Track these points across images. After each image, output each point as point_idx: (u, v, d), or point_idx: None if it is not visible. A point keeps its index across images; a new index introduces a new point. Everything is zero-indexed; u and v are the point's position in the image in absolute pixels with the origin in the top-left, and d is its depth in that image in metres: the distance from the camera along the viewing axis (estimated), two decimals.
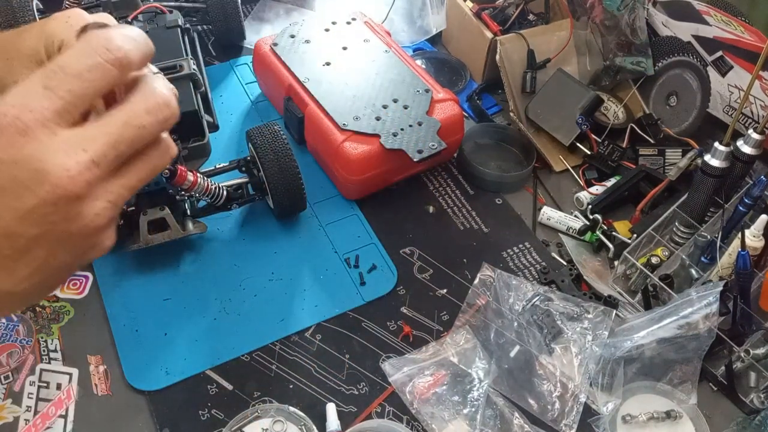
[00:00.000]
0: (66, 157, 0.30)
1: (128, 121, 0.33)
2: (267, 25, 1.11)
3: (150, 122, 0.33)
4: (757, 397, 0.70)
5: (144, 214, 0.72)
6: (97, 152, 0.31)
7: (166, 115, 0.34)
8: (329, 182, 0.88)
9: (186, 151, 0.70)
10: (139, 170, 0.35)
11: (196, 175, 0.70)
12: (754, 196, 0.75)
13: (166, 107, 0.34)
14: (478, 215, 0.87)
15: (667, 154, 0.90)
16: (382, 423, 0.66)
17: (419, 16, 1.10)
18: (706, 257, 0.77)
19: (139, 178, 0.35)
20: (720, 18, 1.00)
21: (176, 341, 0.71)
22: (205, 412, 0.66)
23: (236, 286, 0.76)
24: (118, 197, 0.33)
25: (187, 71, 0.70)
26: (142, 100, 0.34)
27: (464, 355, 0.71)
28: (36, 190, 0.30)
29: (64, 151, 0.30)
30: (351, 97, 0.85)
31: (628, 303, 0.77)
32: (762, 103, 0.94)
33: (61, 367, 0.69)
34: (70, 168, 0.30)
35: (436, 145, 0.81)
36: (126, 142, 0.33)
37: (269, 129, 0.77)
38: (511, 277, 0.78)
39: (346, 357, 0.71)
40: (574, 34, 0.99)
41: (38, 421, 0.65)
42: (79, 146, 0.31)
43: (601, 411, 0.68)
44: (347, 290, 0.77)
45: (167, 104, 0.34)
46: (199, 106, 0.70)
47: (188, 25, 0.82)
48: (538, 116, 0.94)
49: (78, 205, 0.31)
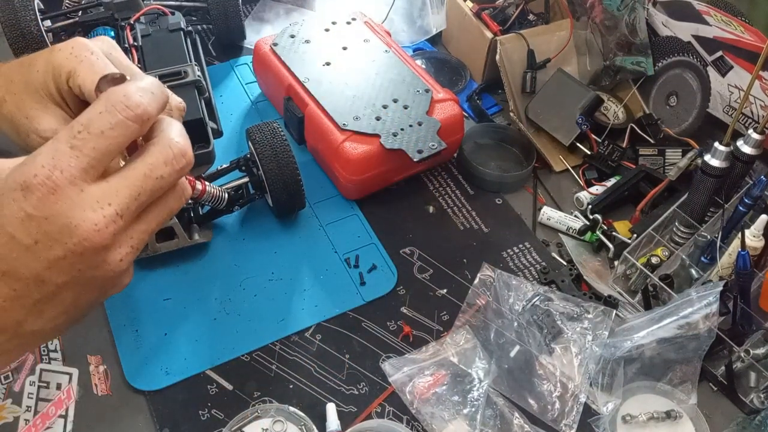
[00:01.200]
0: (93, 213, 0.33)
1: (148, 173, 0.35)
2: (267, 25, 1.11)
3: (168, 172, 0.35)
4: (757, 397, 0.70)
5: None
6: (121, 205, 0.34)
7: (183, 165, 0.36)
8: (329, 182, 0.88)
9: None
10: (158, 216, 0.37)
11: (204, 184, 0.71)
12: (754, 196, 0.75)
13: (183, 157, 0.36)
14: (478, 215, 0.87)
15: (667, 154, 0.90)
16: (382, 423, 0.66)
17: (419, 16, 1.10)
18: (706, 257, 0.77)
19: (157, 222, 0.37)
20: (720, 18, 1.00)
21: (176, 341, 0.71)
22: (205, 412, 0.66)
23: (236, 286, 0.76)
24: (140, 242, 0.36)
25: (191, 78, 0.70)
26: (161, 152, 0.35)
27: (464, 355, 0.71)
28: (66, 243, 0.32)
29: (91, 207, 0.33)
30: (351, 97, 0.85)
31: (628, 303, 0.77)
32: (762, 103, 0.94)
33: (61, 367, 0.69)
34: (98, 222, 0.33)
35: (436, 145, 0.81)
36: (147, 193, 0.35)
37: (268, 127, 0.77)
38: (511, 277, 0.78)
39: (346, 357, 0.71)
40: (574, 34, 0.99)
41: (38, 421, 0.65)
42: (105, 201, 0.33)
43: (601, 411, 0.68)
44: (347, 290, 0.77)
45: (184, 154, 0.36)
46: (204, 114, 0.70)
47: (190, 28, 0.82)
48: (538, 116, 0.94)
49: (103, 254, 0.34)
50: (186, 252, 0.77)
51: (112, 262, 0.34)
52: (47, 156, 0.32)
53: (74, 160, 0.32)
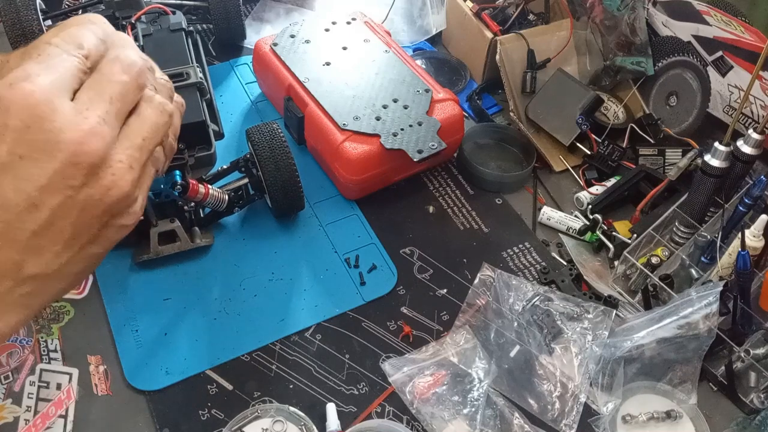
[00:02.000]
0: (75, 116, 0.32)
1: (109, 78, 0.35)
2: (267, 25, 1.11)
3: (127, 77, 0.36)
4: (757, 397, 0.70)
5: (155, 225, 0.74)
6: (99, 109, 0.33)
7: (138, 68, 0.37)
8: (329, 182, 0.88)
9: (193, 160, 0.70)
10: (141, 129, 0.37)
11: (207, 186, 0.72)
12: (754, 196, 0.75)
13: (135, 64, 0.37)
14: (478, 215, 0.87)
15: (667, 154, 0.90)
16: (382, 423, 0.66)
17: (419, 16, 1.10)
18: (706, 257, 0.77)
19: (142, 136, 0.37)
20: (720, 18, 1.00)
21: (176, 341, 0.71)
22: (205, 412, 0.66)
23: (236, 286, 0.76)
24: (131, 159, 0.35)
25: (193, 79, 0.70)
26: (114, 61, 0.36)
27: (464, 355, 0.71)
28: (53, 153, 0.30)
29: (71, 112, 0.32)
30: (351, 97, 0.85)
31: (628, 303, 0.77)
32: (762, 103, 0.94)
33: (61, 367, 0.69)
34: (82, 124, 0.32)
35: (436, 145, 0.81)
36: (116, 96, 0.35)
37: (268, 127, 0.77)
38: (511, 277, 0.78)
39: (346, 357, 0.71)
40: (574, 34, 0.99)
41: (38, 421, 0.65)
42: (83, 107, 0.33)
43: (601, 411, 0.68)
44: (347, 290, 0.77)
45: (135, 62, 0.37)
46: (205, 116, 0.70)
47: (191, 28, 0.82)
48: (538, 116, 0.94)
49: (97, 166, 0.32)
50: (186, 252, 0.77)
51: (106, 178, 0.33)
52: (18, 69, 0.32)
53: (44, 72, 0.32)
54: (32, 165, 0.30)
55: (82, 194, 0.32)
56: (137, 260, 0.75)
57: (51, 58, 0.33)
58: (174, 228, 0.75)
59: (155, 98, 0.39)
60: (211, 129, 0.72)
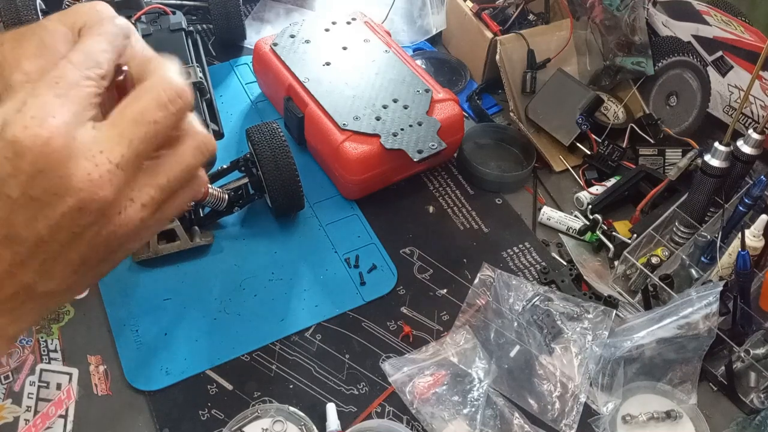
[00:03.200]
0: (86, 162, 0.30)
1: (138, 119, 0.32)
2: (267, 25, 1.11)
3: (163, 116, 0.32)
4: (757, 397, 0.70)
5: None
6: (114, 152, 0.31)
7: (179, 107, 0.33)
8: (329, 182, 0.88)
9: None
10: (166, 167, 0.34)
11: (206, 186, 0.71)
12: (754, 196, 0.75)
13: (179, 98, 0.33)
14: (478, 215, 0.87)
15: (667, 154, 0.90)
16: (382, 423, 0.66)
17: (419, 16, 1.10)
18: (706, 257, 0.77)
19: (167, 175, 0.34)
20: (720, 18, 1.00)
21: (176, 341, 0.71)
22: (205, 412, 0.66)
23: (236, 286, 0.76)
24: (148, 197, 0.33)
25: (193, 80, 0.70)
26: (152, 95, 0.33)
27: (464, 355, 0.71)
28: (63, 197, 0.30)
29: (84, 156, 0.30)
30: (351, 97, 0.85)
31: (628, 303, 0.77)
32: (762, 103, 0.94)
33: (61, 367, 0.69)
34: (91, 171, 0.31)
35: (436, 145, 0.81)
36: (141, 139, 0.32)
37: (268, 127, 0.77)
38: (511, 277, 0.78)
39: (346, 357, 0.71)
40: (574, 34, 0.99)
41: (38, 421, 0.65)
42: (96, 149, 0.31)
43: (601, 411, 0.68)
44: (347, 290, 0.77)
45: (180, 95, 0.33)
46: (205, 116, 0.70)
47: (191, 27, 0.82)
48: (538, 116, 0.94)
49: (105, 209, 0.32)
50: (186, 252, 0.77)
51: (115, 218, 0.32)
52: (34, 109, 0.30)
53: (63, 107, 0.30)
54: (43, 206, 0.30)
55: (91, 231, 0.32)
56: (137, 259, 0.75)
57: (69, 88, 0.31)
58: (173, 227, 0.74)
59: (198, 136, 0.34)
60: (211, 128, 0.72)
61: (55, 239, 0.31)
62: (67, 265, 0.33)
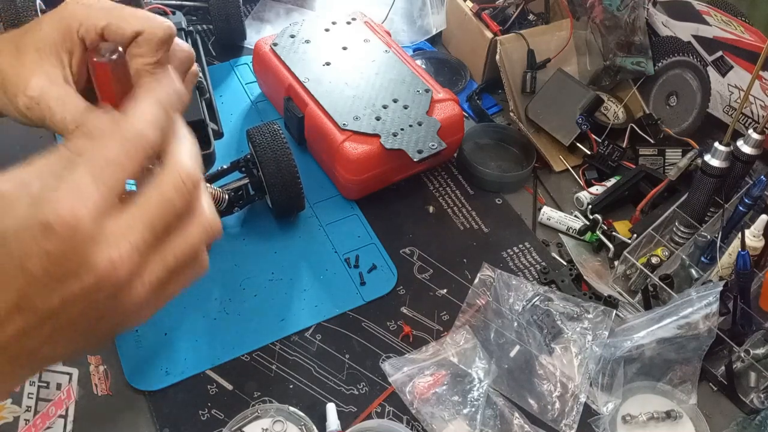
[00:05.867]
0: (110, 250, 0.32)
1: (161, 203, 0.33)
2: (267, 25, 1.11)
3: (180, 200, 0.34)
4: (757, 397, 0.70)
5: None
6: (138, 240, 0.33)
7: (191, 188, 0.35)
8: (329, 182, 0.88)
9: None
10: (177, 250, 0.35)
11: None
12: (754, 196, 0.75)
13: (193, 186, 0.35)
14: (478, 215, 0.87)
15: (667, 154, 0.90)
16: (382, 423, 0.66)
17: (419, 16, 1.10)
18: (706, 257, 0.77)
19: (175, 254, 0.35)
20: (720, 18, 1.00)
21: (176, 341, 0.71)
22: (205, 412, 0.66)
23: (236, 286, 0.76)
24: (156, 278, 0.35)
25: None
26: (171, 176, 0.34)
27: (464, 355, 0.71)
28: (82, 279, 0.32)
29: (108, 244, 0.32)
30: (351, 97, 0.85)
31: (628, 303, 0.77)
32: (762, 103, 0.94)
33: (61, 367, 0.69)
34: (115, 260, 0.32)
35: (436, 145, 0.81)
36: (161, 223, 0.34)
37: (269, 128, 0.77)
38: (511, 277, 0.78)
39: (346, 357, 0.71)
40: (574, 34, 0.99)
41: (38, 421, 0.65)
42: (123, 237, 0.32)
43: (601, 411, 0.68)
44: (347, 290, 0.77)
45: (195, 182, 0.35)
46: (204, 115, 0.70)
47: (191, 28, 0.82)
48: (538, 116, 0.94)
49: (118, 290, 0.33)
50: None
51: (125, 298, 0.34)
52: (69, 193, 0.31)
53: (96, 194, 0.31)
54: (60, 283, 0.32)
55: (102, 307, 0.34)
56: None
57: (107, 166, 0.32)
58: None
59: (203, 217, 0.36)
60: (210, 128, 0.72)
61: (66, 312, 0.33)
62: (73, 336, 0.34)
